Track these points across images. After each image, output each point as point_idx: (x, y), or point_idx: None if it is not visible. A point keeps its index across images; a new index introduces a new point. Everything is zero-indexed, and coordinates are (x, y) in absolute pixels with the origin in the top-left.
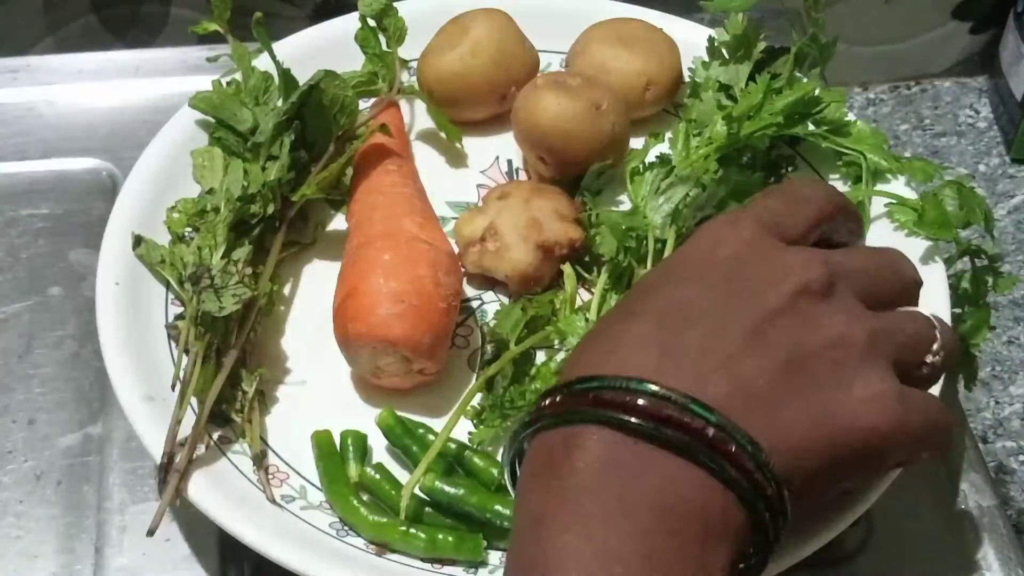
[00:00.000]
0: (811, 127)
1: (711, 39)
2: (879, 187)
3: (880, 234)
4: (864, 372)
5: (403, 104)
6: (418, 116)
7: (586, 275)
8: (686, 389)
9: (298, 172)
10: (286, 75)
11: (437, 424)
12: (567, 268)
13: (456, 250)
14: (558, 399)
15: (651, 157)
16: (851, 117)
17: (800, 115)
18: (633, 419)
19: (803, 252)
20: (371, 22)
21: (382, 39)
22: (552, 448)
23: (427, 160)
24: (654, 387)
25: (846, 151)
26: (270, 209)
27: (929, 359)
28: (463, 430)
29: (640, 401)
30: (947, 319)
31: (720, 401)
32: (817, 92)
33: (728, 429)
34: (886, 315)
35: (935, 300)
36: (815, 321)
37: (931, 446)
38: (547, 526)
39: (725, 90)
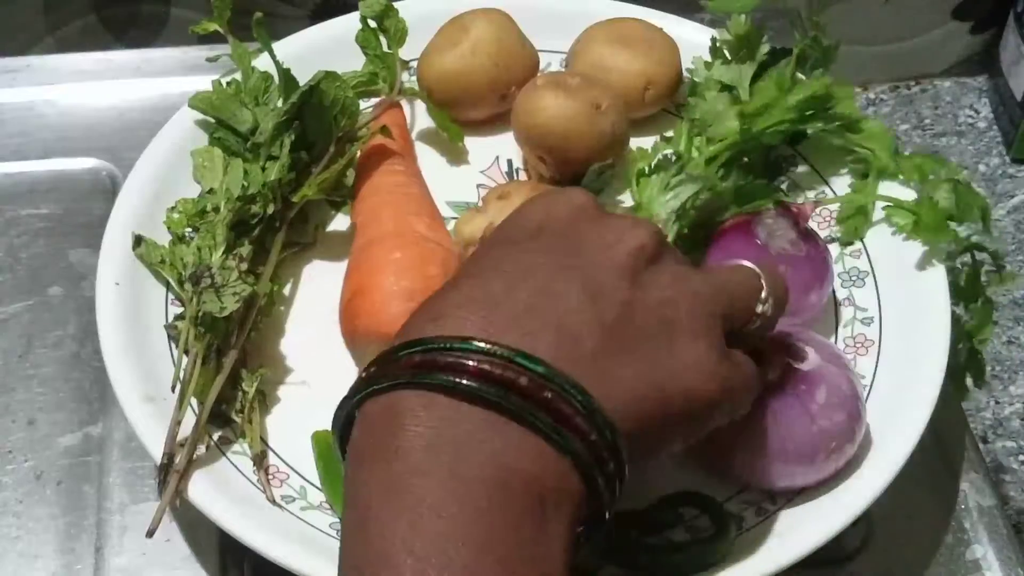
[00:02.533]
0: (821, 124)
1: (714, 40)
2: (881, 188)
3: (880, 237)
4: (690, 334)
5: (405, 104)
6: (419, 116)
7: None
8: (512, 345)
9: (298, 172)
10: (286, 75)
11: None
12: None
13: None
14: (375, 368)
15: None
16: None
17: (813, 111)
18: (455, 379)
19: (633, 218)
20: (372, 23)
21: (383, 40)
22: (375, 423)
23: (427, 160)
24: (478, 343)
25: (857, 148)
26: (270, 209)
27: (759, 309)
28: None
29: (462, 360)
30: (946, 322)
31: (547, 356)
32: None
33: (556, 379)
34: (710, 274)
35: (935, 300)
36: (644, 281)
37: (744, 407)
38: (375, 519)
39: (727, 90)
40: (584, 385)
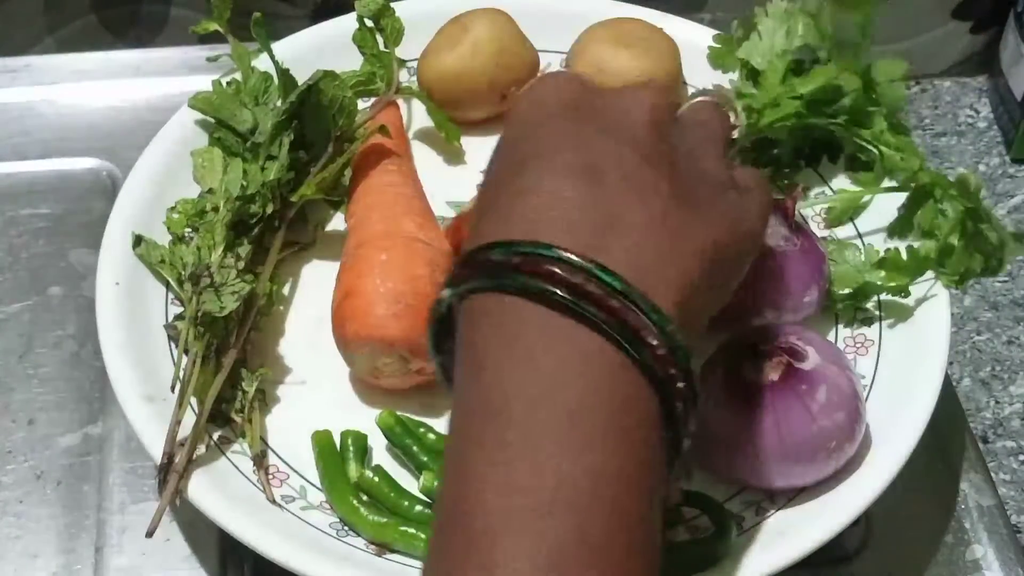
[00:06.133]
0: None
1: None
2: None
3: (880, 237)
4: (724, 178)
5: (402, 103)
6: (419, 115)
7: None
8: (593, 253)
9: (297, 172)
10: (285, 75)
11: (437, 424)
12: None
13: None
14: (467, 268)
15: None
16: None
17: (825, 102)
18: (550, 288)
19: (631, 85)
20: (368, 22)
21: (379, 39)
22: (482, 315)
23: (427, 160)
24: (562, 252)
25: (865, 144)
26: (269, 209)
27: (735, 135)
28: None
29: (553, 269)
30: (946, 322)
31: (621, 263)
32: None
33: (633, 296)
34: (700, 119)
35: (935, 300)
36: (674, 141)
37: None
38: (489, 373)
39: (753, 77)
40: (657, 301)
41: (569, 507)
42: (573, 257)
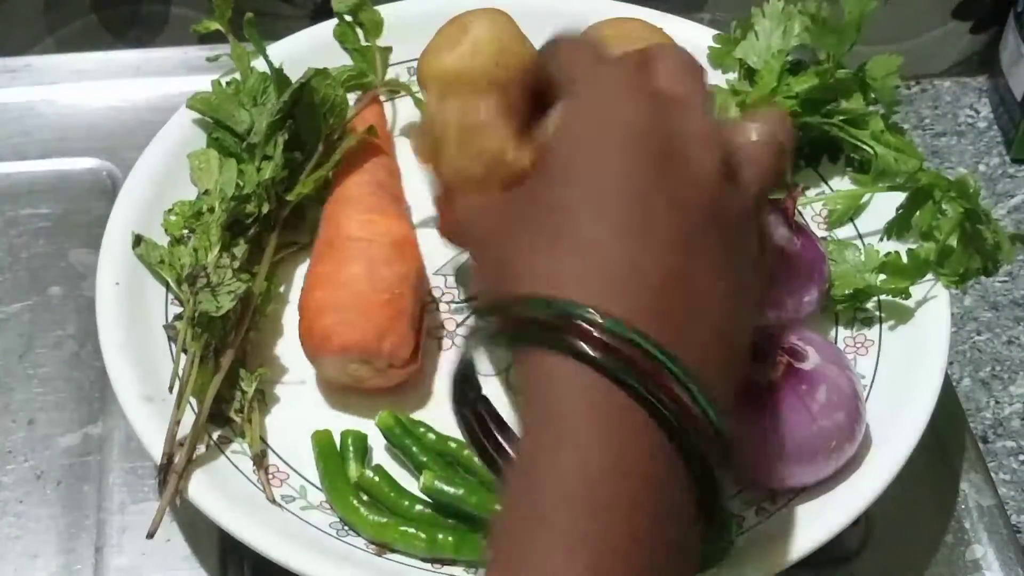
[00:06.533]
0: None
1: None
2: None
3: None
4: (756, 254)
5: (399, 100)
6: (410, 111)
7: None
8: (668, 342)
9: (292, 172)
10: (279, 74)
11: (438, 416)
12: None
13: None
14: (504, 319)
15: None
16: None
17: (821, 101)
18: (626, 378)
19: (700, 120)
20: (348, 17)
21: (360, 34)
22: (563, 382)
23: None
24: (644, 342)
25: (860, 145)
26: (265, 208)
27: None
28: None
29: (632, 354)
30: (946, 322)
31: (694, 360)
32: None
33: (681, 373)
34: (753, 171)
35: (935, 300)
36: (730, 203)
37: None
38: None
39: (750, 76)
40: (717, 405)
41: None
42: (650, 347)
